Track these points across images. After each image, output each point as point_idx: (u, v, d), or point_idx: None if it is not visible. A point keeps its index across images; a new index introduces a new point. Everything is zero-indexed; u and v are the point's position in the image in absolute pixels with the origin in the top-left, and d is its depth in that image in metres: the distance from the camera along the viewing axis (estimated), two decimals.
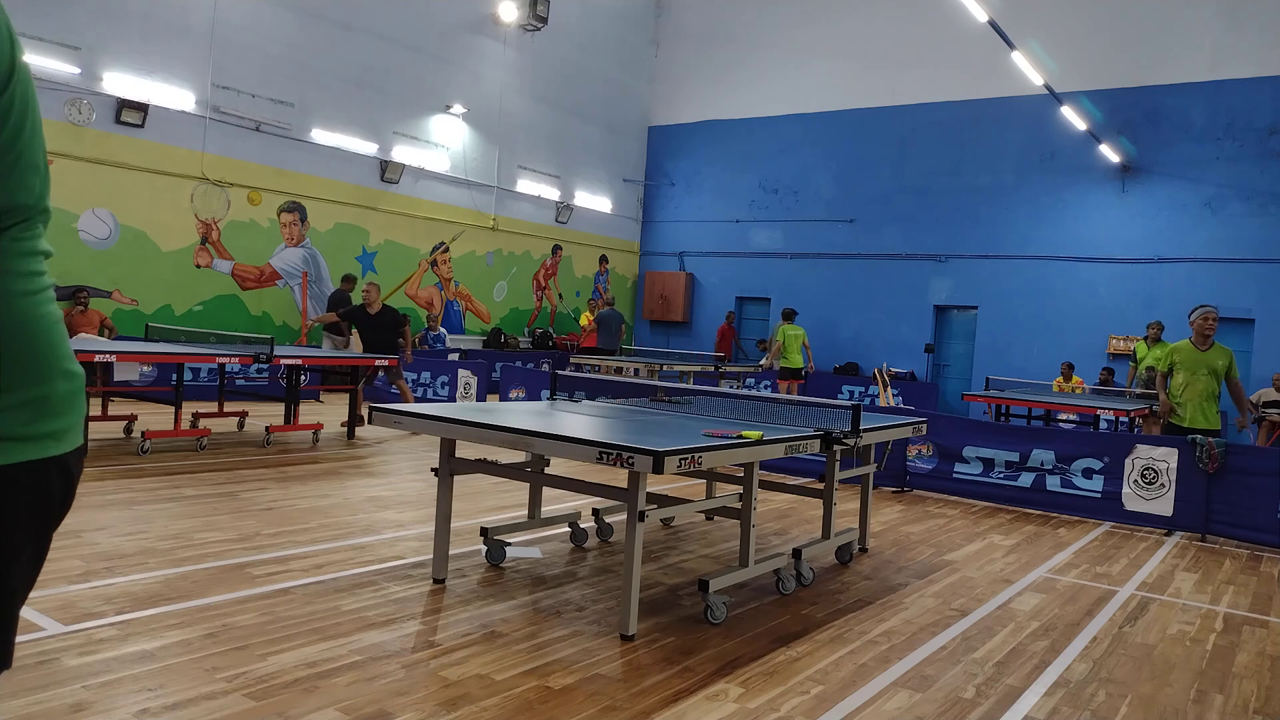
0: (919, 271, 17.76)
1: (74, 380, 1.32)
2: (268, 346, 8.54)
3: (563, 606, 4.37)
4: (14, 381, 1.23)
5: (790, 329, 14.37)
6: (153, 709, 2.95)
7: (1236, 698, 3.81)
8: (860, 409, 5.06)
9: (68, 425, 1.31)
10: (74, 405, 1.32)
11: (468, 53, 16.82)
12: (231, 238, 13.39)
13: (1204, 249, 15.08)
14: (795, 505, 7.54)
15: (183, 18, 12.54)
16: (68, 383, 1.31)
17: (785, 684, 3.58)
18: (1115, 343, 15.68)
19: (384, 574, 4.71)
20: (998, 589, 5.31)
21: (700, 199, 20.58)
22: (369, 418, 4.62)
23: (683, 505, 4.55)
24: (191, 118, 12.74)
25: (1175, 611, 5.11)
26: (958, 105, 17.34)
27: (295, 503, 6.25)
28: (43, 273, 1.32)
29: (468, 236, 17.22)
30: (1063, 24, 16.18)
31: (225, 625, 3.77)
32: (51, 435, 1.28)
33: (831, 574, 5.40)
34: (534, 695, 3.29)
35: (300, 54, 14.00)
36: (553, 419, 4.63)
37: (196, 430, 8.20)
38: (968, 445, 8.38)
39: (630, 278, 21.46)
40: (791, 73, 19.21)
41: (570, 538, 5.76)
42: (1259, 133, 14.69)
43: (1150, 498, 7.52)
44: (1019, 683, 3.79)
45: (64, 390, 1.30)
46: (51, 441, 1.28)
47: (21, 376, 1.24)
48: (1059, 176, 16.35)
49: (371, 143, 15.20)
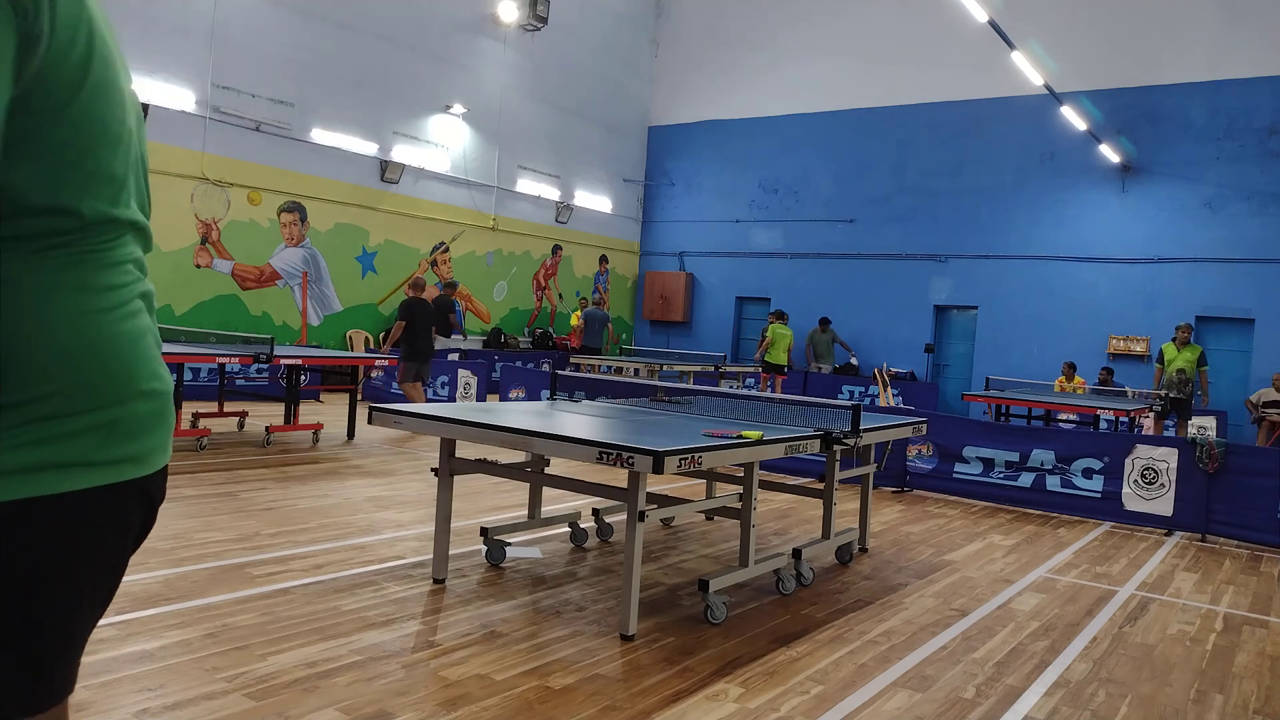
0: (919, 271, 17.76)
1: (155, 400, 1.24)
2: (268, 346, 8.54)
3: (563, 606, 4.37)
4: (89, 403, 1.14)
5: (780, 329, 15.20)
6: (153, 709, 2.95)
7: (1236, 698, 3.81)
8: (860, 409, 5.06)
9: (149, 447, 1.22)
10: (156, 426, 1.24)
11: (468, 53, 16.83)
12: (231, 238, 13.39)
13: (1204, 249, 15.08)
14: (795, 505, 7.54)
15: (183, 18, 12.54)
16: (148, 403, 1.22)
17: (785, 684, 3.58)
18: (1115, 343, 15.68)
19: (384, 574, 4.71)
20: (998, 589, 5.31)
21: (700, 199, 20.58)
22: (370, 417, 4.63)
23: (683, 505, 4.55)
24: (191, 118, 12.74)
25: (1175, 611, 5.11)
26: (958, 105, 17.34)
27: (295, 503, 6.25)
28: (125, 285, 1.22)
29: (468, 236, 17.23)
30: (1063, 24, 16.18)
31: (225, 625, 3.77)
32: (130, 459, 1.19)
33: (831, 574, 5.40)
34: (534, 695, 3.29)
35: (300, 54, 14.00)
36: (553, 419, 4.63)
37: (196, 430, 8.20)
38: (968, 445, 8.38)
39: (630, 278, 21.46)
40: (791, 73, 19.21)
41: (570, 538, 5.76)
42: (1259, 133, 14.69)
43: (1150, 498, 7.52)
44: (1019, 683, 3.79)
45: (142, 411, 1.21)
46: (130, 465, 1.20)
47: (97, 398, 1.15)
48: (1059, 176, 16.35)
49: (371, 143, 15.21)
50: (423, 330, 10.31)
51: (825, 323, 17.36)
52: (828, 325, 17.35)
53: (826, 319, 17.42)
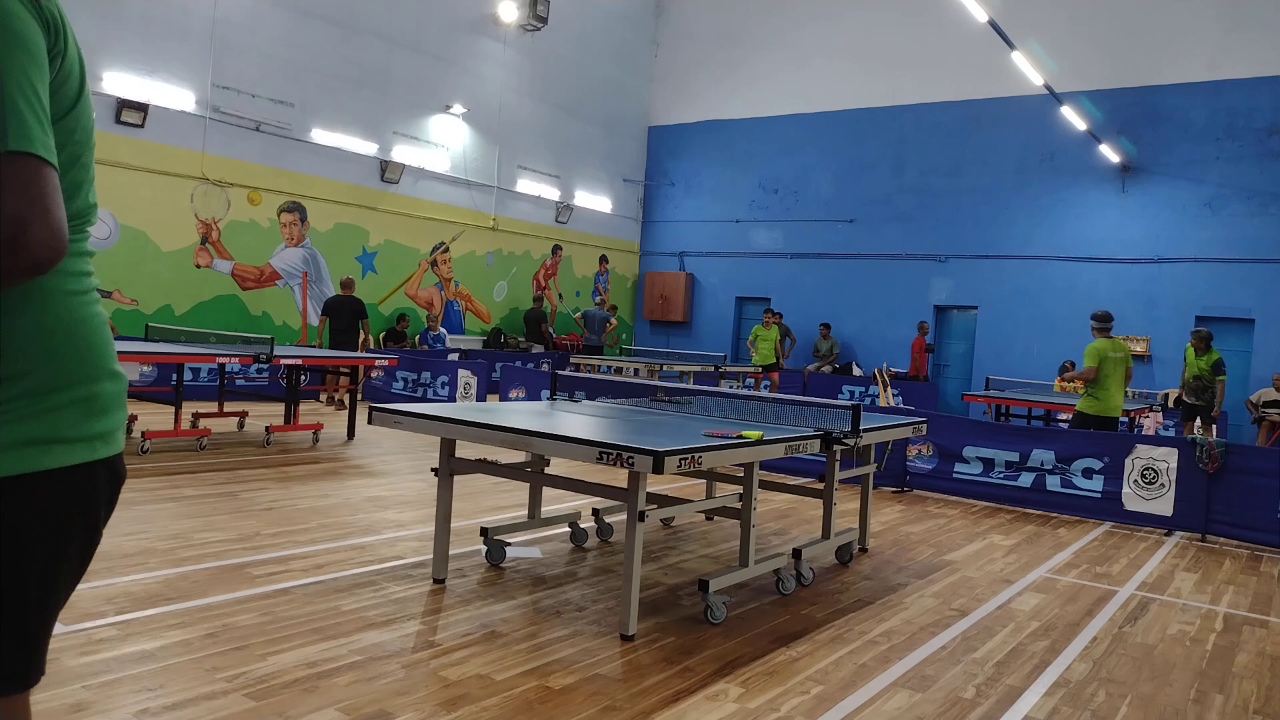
0: (919, 271, 17.76)
1: (119, 381, 1.32)
2: (268, 346, 8.54)
3: (563, 606, 4.37)
4: (63, 380, 1.22)
5: (758, 329, 15.96)
6: (153, 709, 2.95)
7: (1236, 698, 3.81)
8: (860, 409, 5.06)
9: (114, 426, 1.31)
10: (120, 406, 1.32)
11: (468, 53, 16.83)
12: (231, 238, 13.39)
13: (1204, 249, 15.08)
14: (795, 505, 7.54)
15: (183, 18, 12.54)
16: (113, 383, 1.30)
17: (785, 684, 3.58)
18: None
19: (384, 574, 4.71)
20: (998, 589, 5.31)
21: (700, 199, 20.57)
22: (370, 417, 4.63)
23: (683, 505, 4.55)
24: (191, 118, 12.74)
25: (1175, 611, 5.11)
26: (958, 105, 17.33)
27: (295, 503, 6.25)
28: (90, 273, 1.32)
29: (468, 236, 17.23)
30: (1063, 24, 16.18)
31: (225, 625, 3.77)
32: (100, 437, 1.27)
33: (831, 574, 5.40)
34: (534, 695, 3.29)
35: (300, 54, 14.00)
36: (553, 419, 4.63)
37: (196, 430, 8.20)
38: (968, 445, 8.38)
39: (630, 278, 21.46)
40: (791, 73, 19.21)
41: (570, 538, 5.76)
42: (1259, 133, 14.68)
43: (1150, 498, 7.52)
44: (1019, 683, 3.79)
45: (110, 390, 1.30)
46: (100, 443, 1.27)
47: (71, 375, 1.23)
48: (1059, 176, 16.35)
49: (371, 143, 15.20)
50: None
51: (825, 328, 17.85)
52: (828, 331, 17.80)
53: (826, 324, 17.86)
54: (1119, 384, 8.71)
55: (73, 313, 1.24)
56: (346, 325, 12.31)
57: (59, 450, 1.20)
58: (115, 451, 1.30)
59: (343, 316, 12.29)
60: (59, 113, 1.18)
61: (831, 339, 17.78)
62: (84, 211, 1.28)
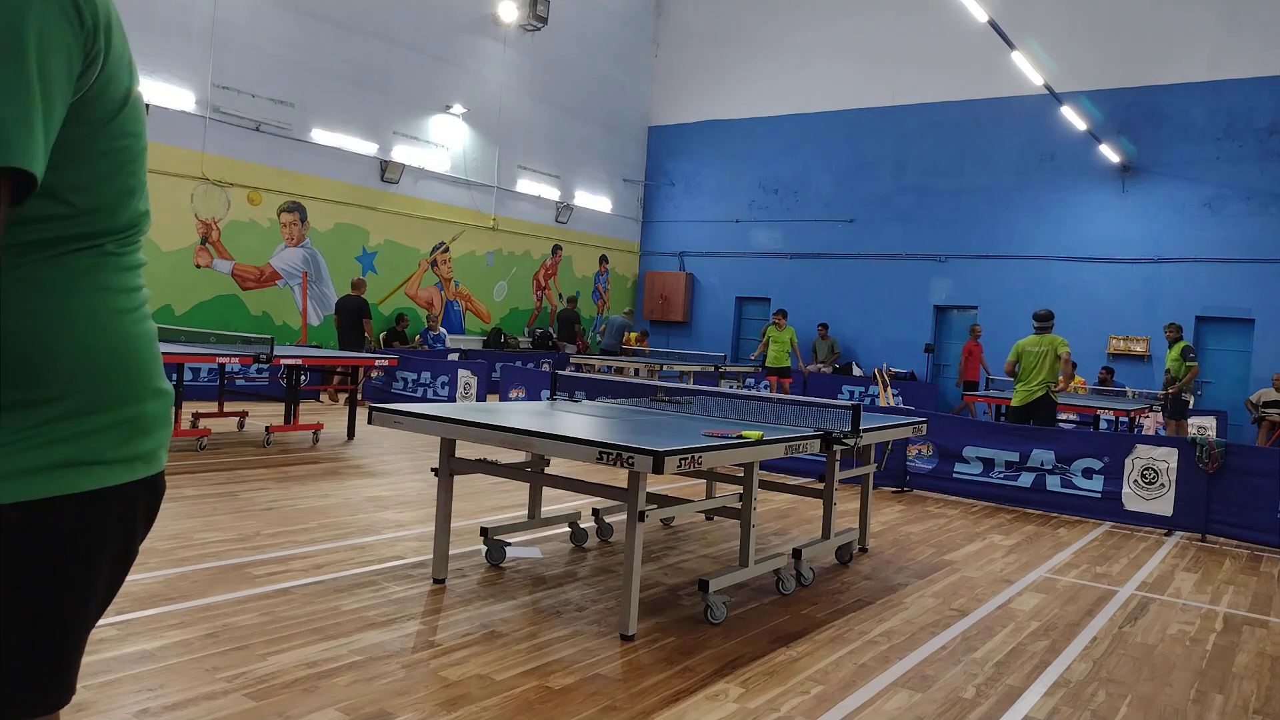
0: (919, 271, 17.76)
1: (164, 399, 1.28)
2: (268, 346, 8.54)
3: (563, 606, 4.37)
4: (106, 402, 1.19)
5: (773, 331, 15.80)
6: (153, 709, 2.95)
7: (1236, 698, 3.81)
8: (860, 409, 5.06)
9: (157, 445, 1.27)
10: (164, 424, 1.28)
11: (468, 53, 16.82)
12: (231, 238, 13.39)
13: (1204, 249, 15.08)
14: (795, 505, 7.54)
15: (183, 17, 12.53)
16: (158, 402, 1.27)
17: (785, 684, 3.58)
18: (1115, 343, 15.68)
19: (384, 574, 4.71)
20: (998, 589, 5.31)
21: (700, 199, 20.57)
22: (370, 417, 4.63)
23: (683, 505, 4.55)
24: (191, 118, 12.74)
25: (1175, 611, 5.11)
26: (958, 105, 17.33)
27: (295, 503, 6.25)
28: (140, 287, 1.27)
29: (468, 236, 17.23)
30: (1063, 24, 16.18)
31: (225, 625, 3.77)
32: (141, 457, 1.24)
33: (831, 574, 5.40)
34: (534, 695, 3.29)
35: (300, 54, 14.00)
36: (553, 419, 4.63)
37: (196, 430, 8.20)
38: (968, 445, 8.38)
39: (630, 278, 21.46)
40: (791, 73, 19.21)
41: (570, 538, 5.76)
42: (1259, 133, 14.68)
43: (1150, 498, 7.52)
44: (1019, 683, 3.79)
45: (154, 410, 1.26)
46: (141, 464, 1.24)
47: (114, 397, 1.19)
48: (1059, 176, 16.35)
49: (371, 143, 15.20)
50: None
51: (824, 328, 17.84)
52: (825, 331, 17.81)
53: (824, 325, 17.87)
54: (1041, 376, 9.31)
55: (119, 332, 1.20)
56: (348, 324, 12.95)
57: (99, 471, 1.17)
58: (156, 470, 1.27)
59: (346, 316, 13.03)
60: (106, 115, 1.15)
61: (830, 339, 17.75)
62: (135, 221, 1.24)
